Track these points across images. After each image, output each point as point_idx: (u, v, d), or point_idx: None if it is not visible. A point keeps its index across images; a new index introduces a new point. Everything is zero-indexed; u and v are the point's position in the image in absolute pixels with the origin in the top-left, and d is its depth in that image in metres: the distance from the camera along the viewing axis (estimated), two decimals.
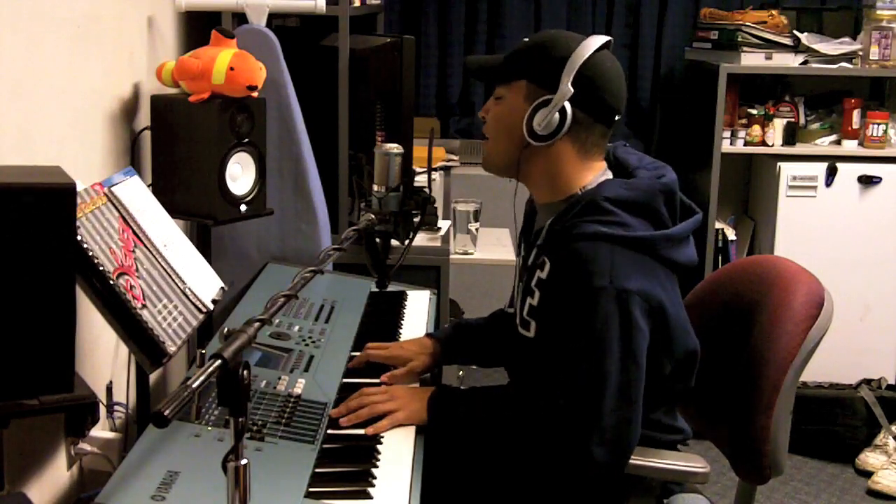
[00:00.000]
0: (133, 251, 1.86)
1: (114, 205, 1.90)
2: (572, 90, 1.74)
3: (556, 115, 1.75)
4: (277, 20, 3.06)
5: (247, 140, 2.28)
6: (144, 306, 1.78)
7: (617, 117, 1.82)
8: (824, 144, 3.92)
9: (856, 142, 3.85)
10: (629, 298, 1.67)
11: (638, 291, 1.68)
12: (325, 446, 1.67)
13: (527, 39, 1.86)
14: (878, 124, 3.79)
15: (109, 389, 2.23)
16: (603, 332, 1.66)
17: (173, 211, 2.15)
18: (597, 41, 1.77)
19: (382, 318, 2.35)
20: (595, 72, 1.76)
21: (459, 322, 2.19)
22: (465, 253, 3.29)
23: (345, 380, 1.96)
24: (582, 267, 1.69)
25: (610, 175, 1.85)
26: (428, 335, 2.14)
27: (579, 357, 1.68)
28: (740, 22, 3.78)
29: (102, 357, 2.23)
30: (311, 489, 1.53)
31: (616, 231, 1.71)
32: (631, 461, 1.73)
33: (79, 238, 1.70)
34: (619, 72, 1.82)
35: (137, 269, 1.83)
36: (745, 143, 3.88)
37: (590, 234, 1.71)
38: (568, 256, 1.72)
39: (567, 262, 1.72)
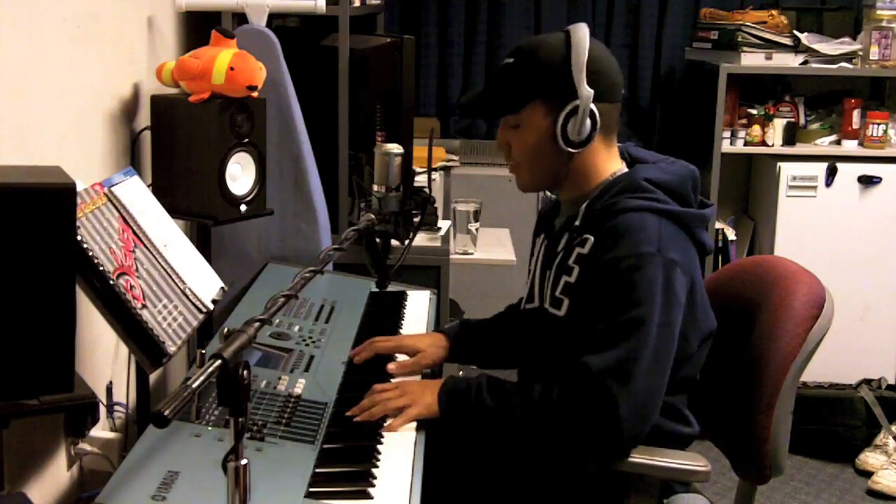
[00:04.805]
0: (133, 251, 1.86)
1: (114, 205, 1.90)
2: (592, 91, 1.77)
3: (588, 119, 1.78)
4: (277, 20, 3.06)
5: (247, 140, 2.28)
6: (144, 306, 1.78)
7: (623, 90, 1.87)
8: (824, 144, 3.92)
9: (856, 142, 3.85)
10: (674, 269, 1.72)
11: (681, 264, 1.74)
12: (325, 446, 1.67)
13: (511, 60, 1.84)
14: (878, 124, 3.79)
15: (109, 389, 2.23)
16: (646, 296, 1.69)
17: (173, 211, 2.15)
18: (583, 35, 1.79)
19: (382, 318, 2.35)
20: (597, 63, 1.80)
21: (467, 320, 2.18)
22: (465, 253, 3.29)
23: (349, 378, 1.96)
24: (630, 235, 1.73)
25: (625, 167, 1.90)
26: (439, 331, 2.15)
27: (621, 319, 1.70)
28: (740, 22, 3.78)
29: (102, 357, 2.23)
30: (311, 489, 1.53)
31: (660, 205, 1.77)
32: (632, 459, 1.73)
33: (79, 238, 1.70)
34: (606, 50, 1.86)
35: (137, 269, 1.83)
36: (745, 143, 3.88)
37: (636, 207, 1.76)
38: (614, 227, 1.76)
39: (614, 233, 1.75)
